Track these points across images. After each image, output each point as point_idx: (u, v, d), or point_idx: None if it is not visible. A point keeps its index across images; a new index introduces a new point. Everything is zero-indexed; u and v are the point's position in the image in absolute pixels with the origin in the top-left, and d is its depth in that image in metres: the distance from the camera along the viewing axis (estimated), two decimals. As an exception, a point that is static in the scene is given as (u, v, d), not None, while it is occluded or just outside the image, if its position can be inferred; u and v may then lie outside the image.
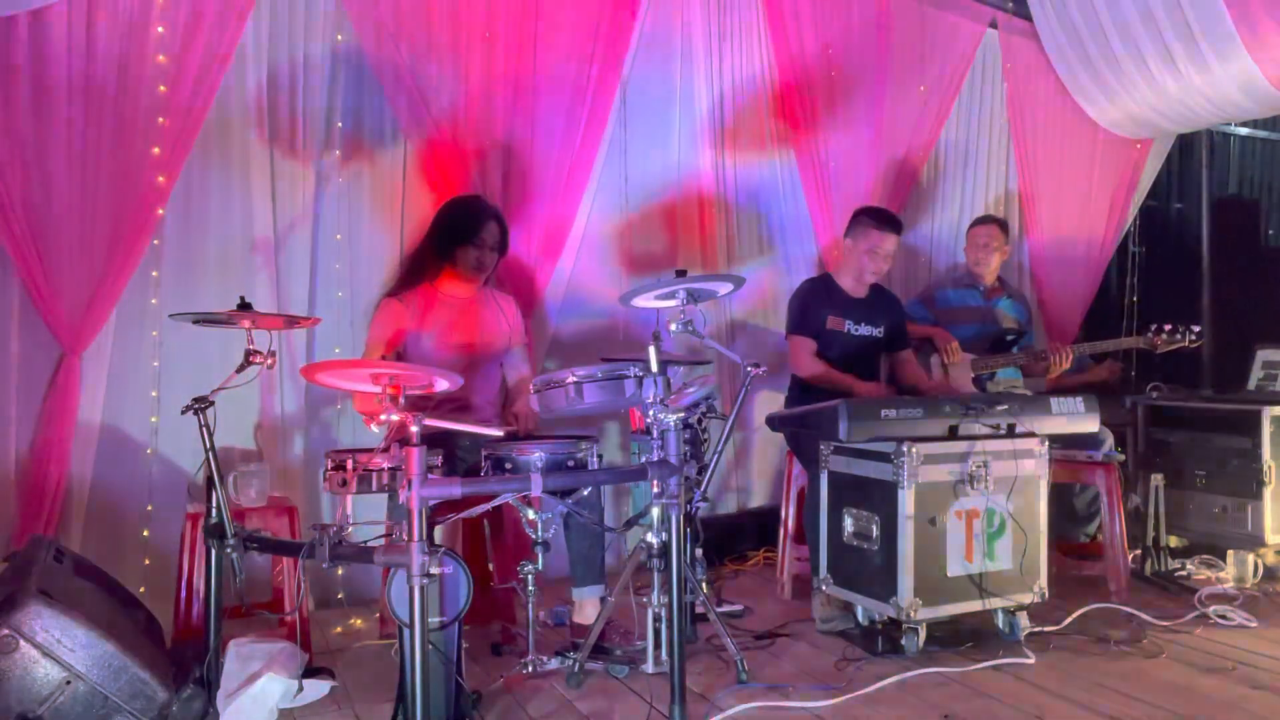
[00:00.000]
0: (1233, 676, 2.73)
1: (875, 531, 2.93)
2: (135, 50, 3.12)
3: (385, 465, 2.54)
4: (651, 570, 2.70)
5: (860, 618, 3.08)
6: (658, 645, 2.78)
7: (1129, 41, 4.59)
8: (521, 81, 3.81)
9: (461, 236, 3.27)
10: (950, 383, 3.96)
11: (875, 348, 3.79)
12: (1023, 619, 3.02)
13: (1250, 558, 3.70)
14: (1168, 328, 3.99)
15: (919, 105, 4.80)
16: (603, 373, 2.57)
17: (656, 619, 2.77)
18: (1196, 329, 3.99)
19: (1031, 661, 2.83)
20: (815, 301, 3.70)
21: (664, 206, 4.27)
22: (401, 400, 2.16)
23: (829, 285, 3.77)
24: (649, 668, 2.78)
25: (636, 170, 4.19)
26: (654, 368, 2.42)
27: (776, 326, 4.47)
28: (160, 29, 3.16)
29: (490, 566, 3.21)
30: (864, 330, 3.73)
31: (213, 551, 2.41)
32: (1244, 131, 6.17)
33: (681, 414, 2.37)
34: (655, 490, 2.35)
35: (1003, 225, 4.34)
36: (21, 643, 2.13)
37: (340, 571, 3.50)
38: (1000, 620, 3.02)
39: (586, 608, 3.08)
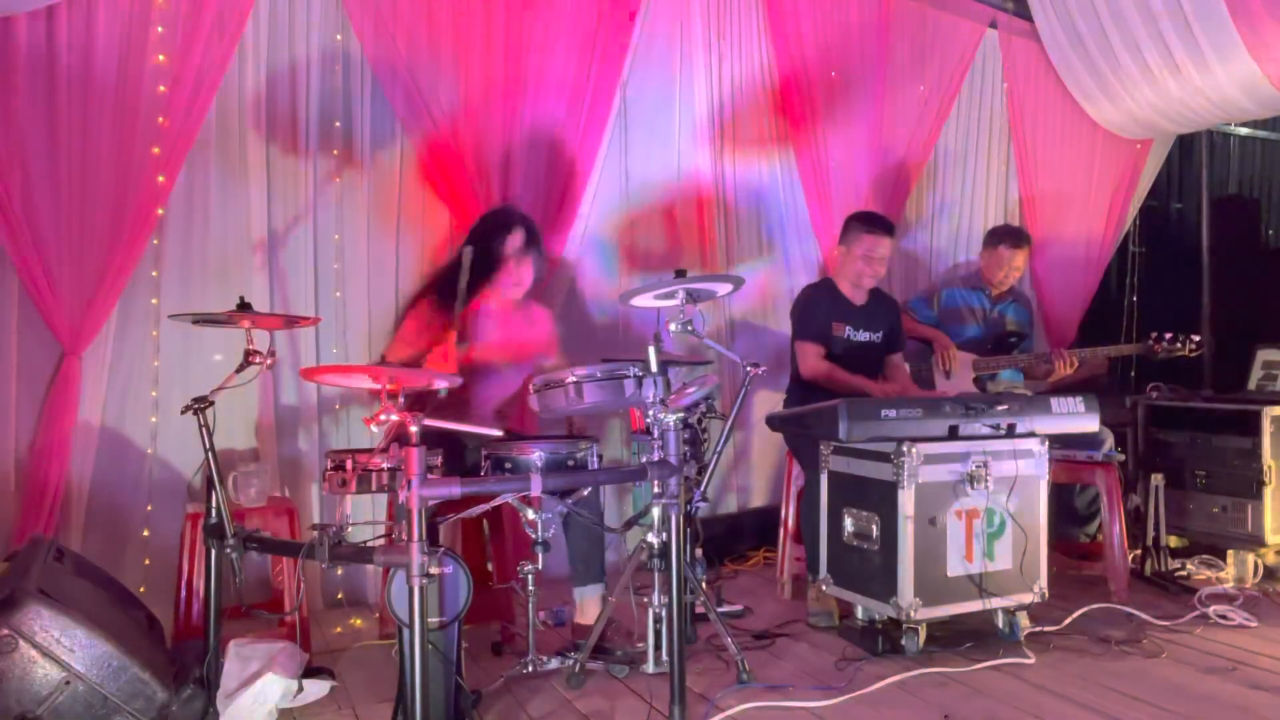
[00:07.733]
0: (1233, 676, 2.73)
1: (875, 531, 2.93)
2: (135, 50, 3.12)
3: (385, 465, 2.54)
4: (652, 570, 2.70)
5: (860, 617, 3.08)
6: (658, 645, 2.78)
7: (1129, 41, 4.59)
8: (521, 81, 3.80)
9: (489, 267, 3.14)
10: (950, 386, 3.96)
11: (876, 353, 3.78)
12: (1023, 619, 3.02)
13: (1250, 558, 3.70)
14: (1168, 336, 3.99)
15: (919, 105, 4.80)
16: (602, 373, 2.57)
17: (657, 619, 2.77)
18: (1196, 339, 3.99)
19: (1031, 661, 2.83)
20: (820, 306, 3.69)
21: (664, 206, 4.26)
22: (401, 400, 2.16)
23: (832, 290, 3.76)
24: (649, 668, 2.78)
25: (637, 169, 4.19)
26: (654, 368, 2.41)
27: (776, 326, 4.47)
28: (160, 29, 3.16)
29: (490, 566, 3.21)
30: (863, 336, 3.72)
31: (213, 551, 2.41)
32: (1244, 131, 6.17)
33: (681, 414, 2.37)
34: (655, 490, 2.35)
35: (1030, 244, 4.33)
36: (21, 643, 2.13)
37: (340, 571, 3.50)
38: (1000, 620, 3.02)
39: (588, 607, 3.07)
